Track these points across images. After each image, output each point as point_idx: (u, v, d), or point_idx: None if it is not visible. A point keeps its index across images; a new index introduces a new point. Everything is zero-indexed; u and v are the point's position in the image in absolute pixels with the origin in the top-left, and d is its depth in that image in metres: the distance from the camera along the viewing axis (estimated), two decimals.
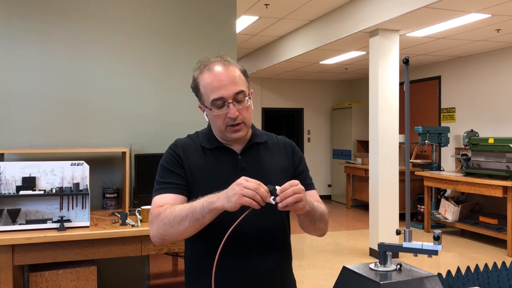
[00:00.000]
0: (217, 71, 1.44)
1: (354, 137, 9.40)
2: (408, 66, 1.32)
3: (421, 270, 1.30)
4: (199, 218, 1.31)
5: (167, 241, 1.42)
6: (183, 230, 1.34)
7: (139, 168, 3.42)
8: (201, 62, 1.51)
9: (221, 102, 1.43)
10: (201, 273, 1.50)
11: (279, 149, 1.60)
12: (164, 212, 1.38)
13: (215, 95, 1.42)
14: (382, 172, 5.34)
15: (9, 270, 2.53)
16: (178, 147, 1.54)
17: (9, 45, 3.34)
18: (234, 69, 1.46)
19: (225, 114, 1.43)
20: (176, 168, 1.49)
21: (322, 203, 1.59)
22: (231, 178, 1.42)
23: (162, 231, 1.38)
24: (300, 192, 1.29)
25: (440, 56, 7.22)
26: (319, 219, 1.49)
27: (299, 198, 1.29)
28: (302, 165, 1.63)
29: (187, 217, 1.32)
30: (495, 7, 4.46)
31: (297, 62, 7.66)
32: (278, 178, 1.52)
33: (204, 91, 1.46)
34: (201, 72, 1.48)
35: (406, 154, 1.51)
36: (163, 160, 1.53)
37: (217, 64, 1.46)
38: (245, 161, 1.51)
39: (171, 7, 3.73)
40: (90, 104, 3.51)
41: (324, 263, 5.24)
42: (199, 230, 1.36)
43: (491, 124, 6.74)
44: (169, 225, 1.35)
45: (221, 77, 1.43)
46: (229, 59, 1.49)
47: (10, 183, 2.67)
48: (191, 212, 1.32)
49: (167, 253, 3.29)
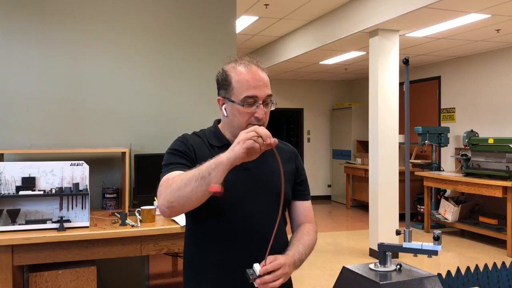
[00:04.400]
0: (254, 70, 1.47)
1: (354, 137, 9.40)
2: (408, 66, 1.32)
3: (421, 270, 1.30)
4: (205, 176, 1.25)
5: (175, 210, 1.35)
6: (189, 192, 1.28)
7: (139, 168, 3.42)
8: (234, 57, 1.53)
9: (253, 100, 1.45)
10: (199, 271, 1.51)
11: (283, 154, 1.62)
12: (172, 179, 1.35)
13: (250, 93, 1.44)
14: (382, 172, 5.34)
15: (8, 270, 2.53)
16: (187, 139, 1.54)
17: (8, 45, 3.34)
18: (265, 74, 1.51)
19: (252, 113, 1.45)
20: (186, 154, 1.49)
21: (313, 221, 1.65)
22: (236, 177, 1.44)
23: (169, 197, 1.32)
24: (281, 276, 1.34)
25: (440, 56, 7.22)
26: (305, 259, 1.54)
27: (282, 281, 1.34)
28: (303, 175, 1.67)
29: (193, 177, 1.27)
30: (495, 7, 4.46)
31: (297, 62, 7.66)
32: (281, 181, 1.55)
33: (238, 86, 1.46)
34: (235, 67, 1.49)
35: (406, 154, 1.52)
36: (171, 148, 1.52)
37: (253, 64, 1.49)
38: (250, 162, 1.51)
39: (171, 7, 3.73)
40: (90, 104, 3.51)
41: (324, 263, 5.24)
42: (206, 196, 1.30)
43: (491, 124, 6.73)
44: (176, 189, 1.31)
45: (258, 77, 1.47)
46: (260, 63, 1.53)
47: (10, 183, 2.67)
48: (197, 171, 1.28)
49: (167, 253, 3.29)
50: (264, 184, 1.52)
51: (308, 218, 1.65)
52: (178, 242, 2.84)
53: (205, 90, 3.79)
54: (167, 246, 2.84)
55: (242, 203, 1.48)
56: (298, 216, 1.64)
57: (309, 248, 1.55)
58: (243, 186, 1.49)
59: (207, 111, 3.72)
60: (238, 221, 1.47)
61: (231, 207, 1.47)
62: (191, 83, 3.77)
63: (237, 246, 1.46)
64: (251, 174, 1.51)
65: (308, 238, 1.57)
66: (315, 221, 1.68)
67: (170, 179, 1.36)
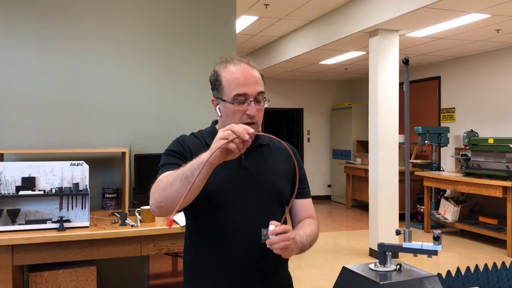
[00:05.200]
0: (244, 68, 1.49)
1: (353, 137, 9.40)
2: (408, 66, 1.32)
3: (421, 270, 1.30)
4: (188, 176, 1.25)
5: (164, 210, 1.35)
6: (175, 191, 1.28)
7: (138, 168, 3.42)
8: (225, 57, 1.54)
9: (243, 98, 1.45)
10: (199, 271, 1.51)
11: (281, 153, 1.62)
12: (162, 179, 1.37)
13: (239, 91, 1.45)
14: (382, 172, 5.34)
15: (8, 270, 2.53)
16: (185, 140, 1.55)
17: (8, 44, 3.34)
18: (256, 71, 1.52)
19: (244, 111, 1.45)
20: (181, 154, 1.50)
21: (314, 217, 1.65)
22: (234, 177, 1.44)
23: (157, 197, 1.34)
24: (289, 240, 1.33)
25: (440, 56, 7.22)
26: (307, 248, 1.53)
27: (286, 246, 1.33)
28: (302, 172, 1.65)
29: (178, 177, 1.28)
30: (495, 7, 4.46)
31: (297, 62, 7.66)
32: (279, 179, 1.56)
33: (227, 85, 1.47)
34: (225, 67, 1.51)
35: (406, 154, 1.52)
36: (167, 149, 1.53)
37: (243, 62, 1.51)
38: (248, 161, 1.52)
39: (171, 6, 3.73)
40: (89, 104, 3.51)
41: (324, 263, 5.24)
42: (192, 196, 1.30)
43: (491, 124, 6.74)
44: (163, 189, 1.32)
45: (248, 75, 1.47)
46: (251, 61, 1.54)
47: (10, 183, 2.67)
48: (181, 171, 1.29)
49: (166, 253, 3.29)
50: (262, 183, 1.52)
51: (309, 214, 1.65)
52: (178, 242, 2.84)
53: (205, 90, 3.78)
54: (167, 246, 2.84)
55: (240, 203, 1.48)
56: (298, 213, 1.64)
57: (310, 236, 1.53)
58: (241, 185, 1.49)
59: (207, 111, 3.72)
60: (236, 221, 1.47)
61: (229, 207, 1.47)
62: (191, 83, 3.77)
63: (235, 246, 1.46)
64: (249, 173, 1.51)
65: (309, 228, 1.56)
66: (317, 217, 1.68)
67: (160, 180, 1.38)
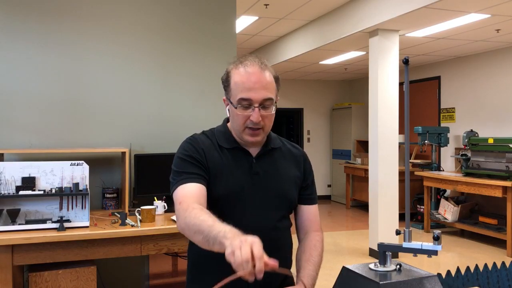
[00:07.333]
0: (252, 72, 1.42)
1: (353, 137, 9.40)
2: (408, 66, 1.32)
3: (420, 270, 1.30)
4: (209, 242, 1.22)
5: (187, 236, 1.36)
6: (195, 240, 1.29)
7: (138, 168, 3.42)
8: (238, 58, 1.49)
9: (248, 103, 1.41)
10: (203, 271, 1.50)
11: (292, 158, 1.60)
12: (191, 211, 1.31)
13: (243, 95, 1.40)
14: (382, 172, 5.34)
15: (8, 270, 2.53)
16: (198, 141, 1.51)
17: (8, 44, 3.34)
18: (268, 74, 1.45)
19: (248, 116, 1.42)
20: (198, 159, 1.46)
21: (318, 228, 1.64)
22: (244, 182, 1.43)
23: (181, 229, 1.35)
24: None
25: (440, 56, 7.22)
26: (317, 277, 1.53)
27: None
28: (311, 178, 1.64)
29: (202, 234, 1.24)
30: (495, 7, 4.46)
31: (297, 62, 7.66)
32: (289, 185, 1.55)
33: (234, 87, 1.43)
34: (236, 68, 1.45)
35: (406, 154, 1.52)
36: (182, 152, 1.48)
37: (254, 65, 1.43)
38: (259, 165, 1.51)
39: (171, 6, 3.73)
40: (89, 104, 3.51)
41: (324, 263, 5.19)
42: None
43: (491, 124, 6.74)
44: (187, 228, 1.31)
45: (255, 79, 1.41)
46: (266, 62, 1.47)
47: (10, 183, 2.67)
48: (207, 231, 1.23)
49: (167, 253, 3.29)
50: (272, 189, 1.51)
51: (314, 225, 1.63)
52: (178, 242, 2.84)
53: (205, 90, 3.79)
54: (167, 246, 2.84)
55: (248, 208, 1.47)
56: (304, 221, 1.62)
57: (319, 265, 1.54)
58: (251, 190, 1.48)
59: (207, 111, 3.72)
60: (244, 225, 1.46)
61: (238, 211, 1.46)
62: (191, 83, 3.77)
63: None
64: (260, 178, 1.49)
65: (316, 254, 1.55)
66: (321, 228, 1.65)
67: (188, 211, 1.32)
